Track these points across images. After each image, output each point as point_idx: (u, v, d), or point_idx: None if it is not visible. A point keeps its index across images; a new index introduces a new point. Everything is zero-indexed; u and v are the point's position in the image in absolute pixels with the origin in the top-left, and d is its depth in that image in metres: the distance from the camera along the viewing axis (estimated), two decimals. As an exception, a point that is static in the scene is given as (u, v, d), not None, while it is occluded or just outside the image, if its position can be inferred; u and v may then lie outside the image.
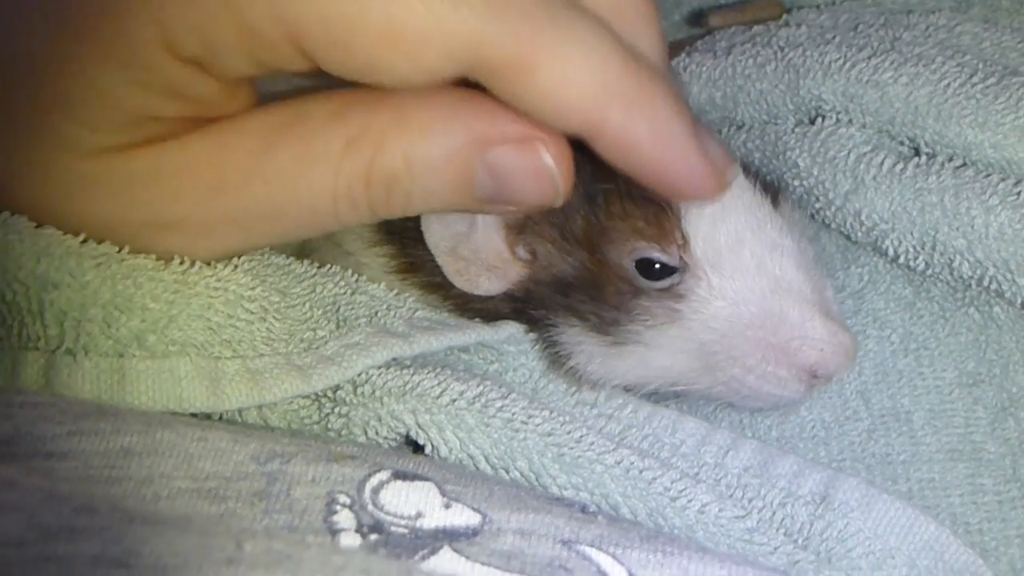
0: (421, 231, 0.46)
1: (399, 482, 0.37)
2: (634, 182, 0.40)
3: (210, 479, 0.34)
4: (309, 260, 0.45)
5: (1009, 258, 0.48)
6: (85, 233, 0.39)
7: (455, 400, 0.42)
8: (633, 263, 0.46)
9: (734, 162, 0.42)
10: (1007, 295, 0.50)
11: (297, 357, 0.41)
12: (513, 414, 0.42)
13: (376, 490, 0.36)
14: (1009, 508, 0.51)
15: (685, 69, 0.58)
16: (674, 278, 0.46)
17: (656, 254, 0.46)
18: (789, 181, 0.54)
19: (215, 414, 0.42)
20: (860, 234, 0.53)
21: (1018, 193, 0.48)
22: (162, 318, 0.39)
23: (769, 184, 0.51)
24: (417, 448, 0.43)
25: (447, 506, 0.36)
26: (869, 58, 0.53)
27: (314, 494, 0.35)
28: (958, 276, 0.51)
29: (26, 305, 0.39)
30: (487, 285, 0.48)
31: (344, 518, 0.34)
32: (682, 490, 0.42)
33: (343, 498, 0.35)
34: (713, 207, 0.46)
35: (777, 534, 0.42)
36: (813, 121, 0.54)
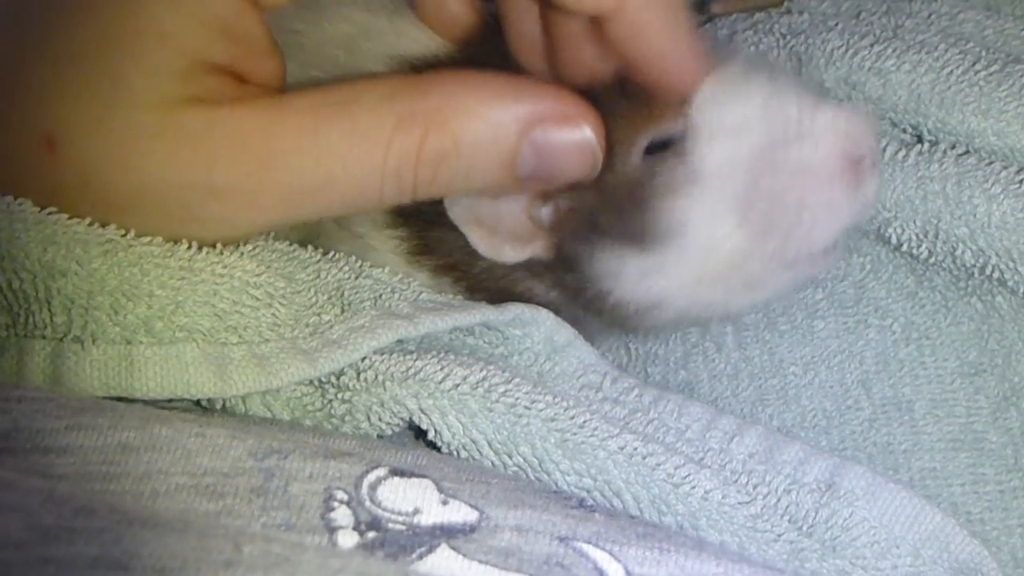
0: (434, 214, 0.46)
1: (397, 479, 0.36)
2: (624, 83, 0.44)
3: (208, 475, 0.34)
4: (313, 246, 0.45)
5: (1012, 247, 0.48)
6: (135, 195, 0.39)
7: (458, 385, 0.41)
8: (643, 150, 0.45)
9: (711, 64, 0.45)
10: (1009, 284, 0.50)
11: (303, 342, 0.41)
12: (517, 399, 0.42)
13: (374, 486, 0.36)
14: (1011, 498, 0.51)
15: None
16: (679, 143, 0.45)
17: (657, 127, 0.45)
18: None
19: (216, 406, 0.42)
20: (863, 222, 0.53)
21: (1020, 181, 0.48)
22: (169, 304, 0.39)
23: None
24: (420, 434, 0.42)
25: (444, 502, 0.36)
26: (871, 45, 0.53)
27: (311, 490, 0.35)
28: (960, 265, 0.51)
29: (33, 293, 0.39)
30: (512, 253, 0.47)
31: (341, 515, 0.34)
32: (686, 476, 0.42)
33: (340, 494, 0.35)
34: None
35: (782, 521, 0.42)
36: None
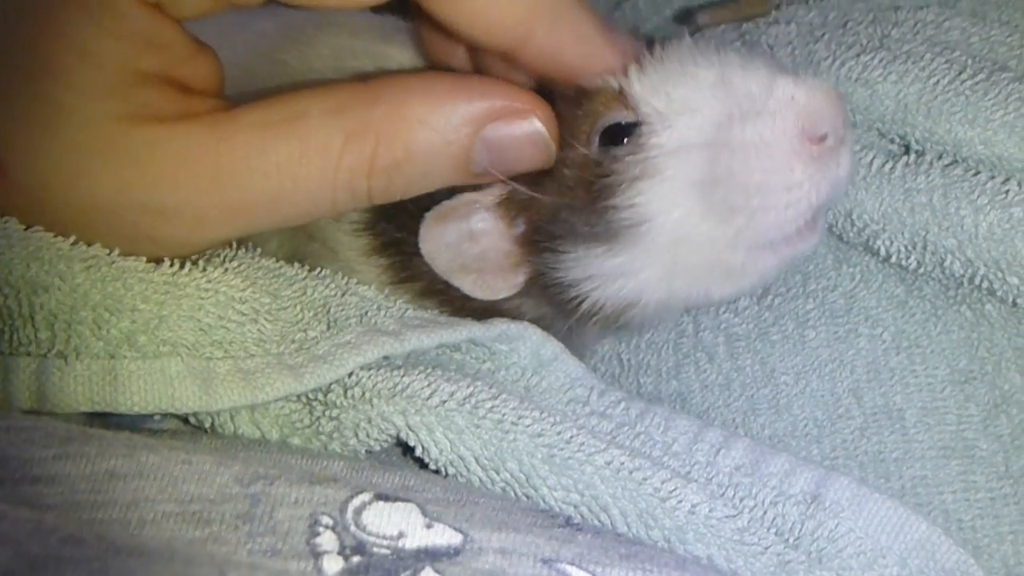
0: (413, 247, 0.47)
1: (381, 503, 0.37)
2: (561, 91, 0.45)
3: (194, 502, 0.34)
4: (300, 263, 0.46)
5: (999, 257, 0.48)
6: (87, 216, 0.39)
7: (445, 401, 0.42)
8: (597, 145, 0.45)
9: (639, 44, 0.46)
10: (998, 293, 0.50)
11: (289, 357, 0.42)
12: (503, 415, 0.42)
13: (358, 511, 0.36)
14: (1001, 505, 0.51)
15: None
16: (635, 134, 0.45)
17: (606, 119, 0.45)
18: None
19: (204, 425, 0.42)
20: (852, 234, 0.53)
21: (1007, 192, 0.48)
22: (152, 319, 0.40)
23: None
24: (408, 450, 0.43)
25: (429, 526, 0.36)
26: (858, 56, 0.53)
27: (297, 516, 0.35)
28: (949, 275, 0.51)
29: (17, 309, 0.39)
30: (504, 286, 0.48)
31: (326, 540, 0.35)
32: (672, 490, 0.42)
33: (326, 519, 0.35)
34: (634, 57, 0.46)
35: (768, 533, 0.42)
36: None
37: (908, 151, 0.52)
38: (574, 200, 0.45)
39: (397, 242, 0.48)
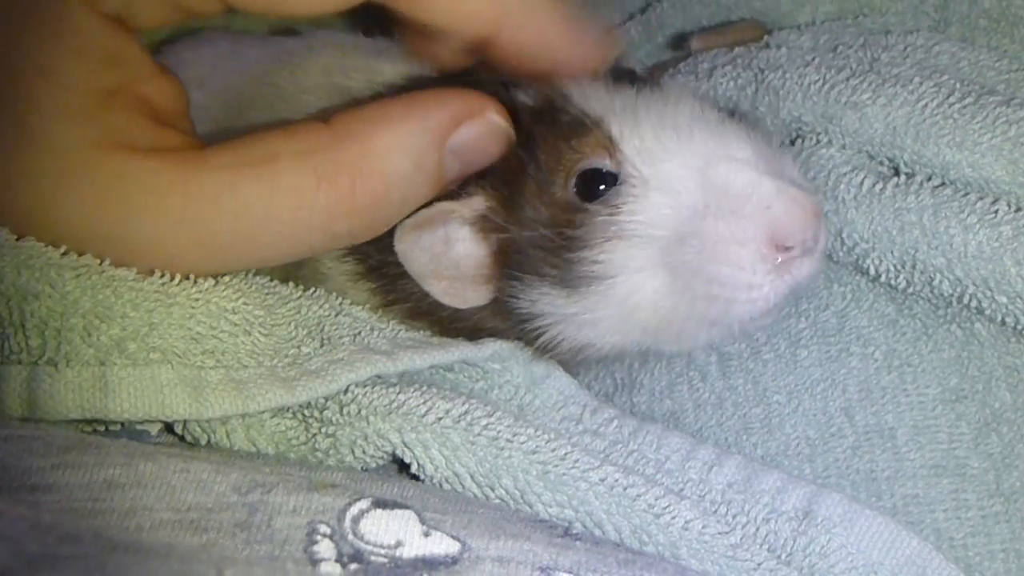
0: (401, 268, 0.47)
1: (379, 511, 0.37)
2: (555, 116, 0.46)
3: (192, 510, 0.35)
4: (294, 284, 0.46)
5: (988, 276, 0.49)
6: (57, 240, 0.39)
7: (440, 418, 0.42)
8: (574, 188, 0.46)
9: (617, 38, 0.48)
10: (987, 312, 0.51)
11: (282, 371, 0.42)
12: (498, 432, 0.43)
13: (356, 519, 0.36)
14: (993, 523, 0.52)
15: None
16: (612, 190, 0.45)
17: (588, 163, 0.46)
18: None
19: (201, 442, 0.43)
20: (842, 254, 0.53)
21: (995, 212, 0.49)
22: (142, 326, 0.40)
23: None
24: (404, 467, 0.43)
25: (426, 534, 0.37)
26: (848, 79, 0.53)
27: (295, 524, 0.35)
28: (939, 294, 0.51)
29: (7, 316, 0.40)
30: (474, 296, 0.48)
31: (324, 548, 0.35)
32: (666, 507, 0.42)
33: (323, 528, 0.35)
34: (637, 105, 0.46)
35: (760, 550, 0.43)
36: (793, 142, 0.55)
37: (898, 173, 0.53)
38: (543, 240, 0.46)
39: (382, 265, 0.49)
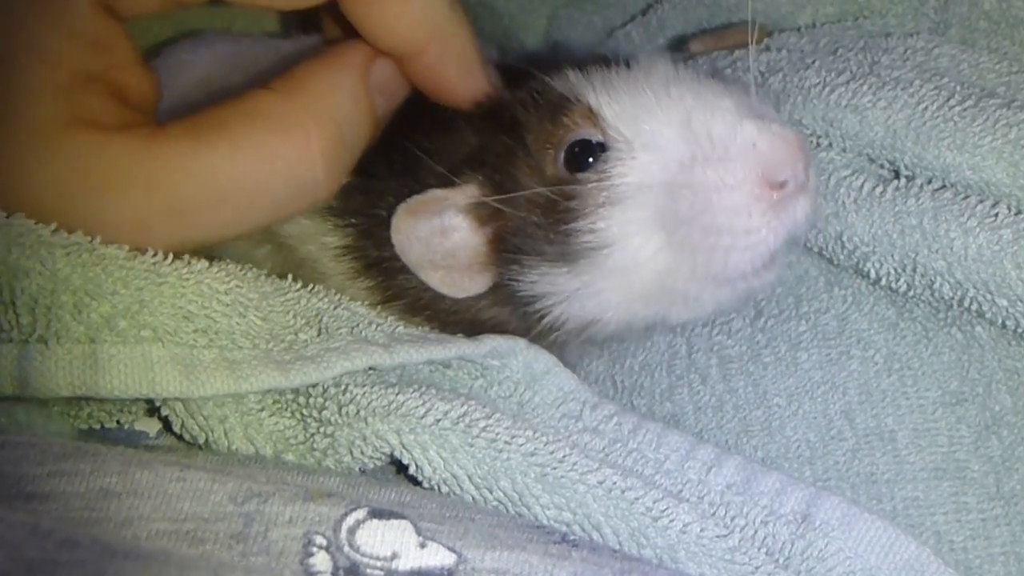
0: (396, 263, 0.48)
1: (375, 520, 0.37)
2: (538, 101, 0.48)
3: (188, 520, 0.35)
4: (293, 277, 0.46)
5: (988, 279, 0.49)
6: (32, 215, 0.40)
7: (439, 420, 0.42)
8: (563, 163, 0.47)
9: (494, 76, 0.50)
10: (988, 315, 0.50)
11: (277, 354, 0.42)
12: (497, 434, 0.43)
13: (352, 530, 0.36)
14: (993, 526, 0.51)
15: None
16: (600, 159, 0.46)
17: (573, 136, 0.46)
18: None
19: (199, 440, 0.43)
20: (842, 257, 0.53)
21: (995, 215, 0.49)
22: (133, 304, 0.40)
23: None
24: (402, 468, 0.43)
25: (422, 545, 0.37)
26: (848, 82, 0.53)
27: (291, 535, 0.35)
28: (939, 297, 0.51)
29: None
30: (472, 284, 0.48)
31: (320, 560, 0.35)
32: (664, 510, 0.42)
33: (319, 539, 0.36)
34: (613, 77, 0.47)
35: (759, 553, 0.42)
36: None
37: (898, 176, 0.53)
38: (538, 218, 0.47)
39: (380, 260, 0.49)
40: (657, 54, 0.50)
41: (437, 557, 0.36)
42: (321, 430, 0.42)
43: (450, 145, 0.49)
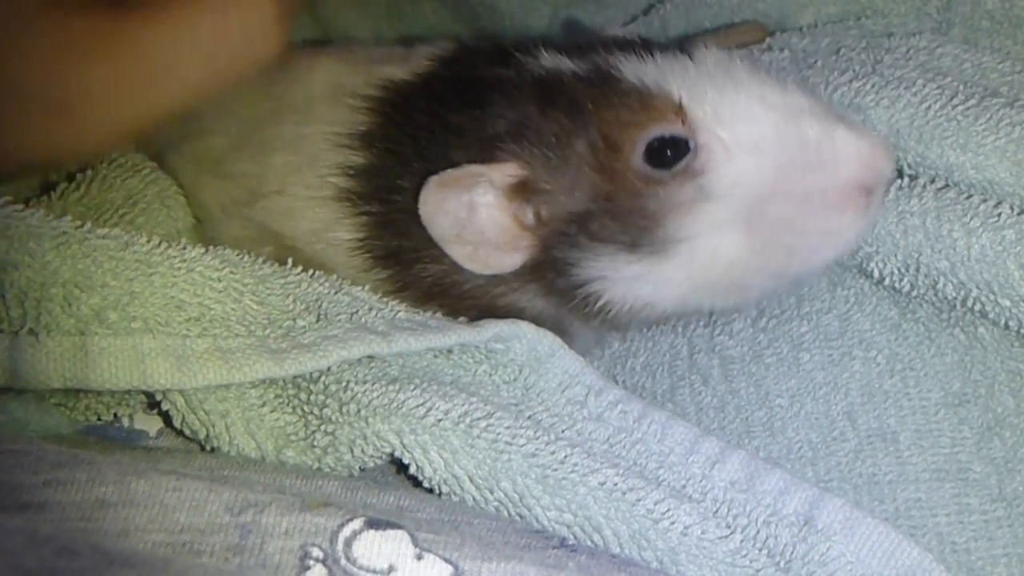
0: (412, 254, 0.47)
1: (372, 531, 0.37)
2: (608, 85, 0.46)
3: (185, 532, 0.35)
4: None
5: (991, 279, 0.49)
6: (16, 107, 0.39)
7: (440, 420, 0.42)
8: (643, 157, 0.45)
9: None
10: (991, 316, 0.50)
11: (273, 342, 0.42)
12: (498, 434, 0.42)
13: (349, 542, 0.36)
14: (995, 527, 0.51)
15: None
16: (688, 157, 0.45)
17: (660, 131, 0.45)
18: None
19: (199, 436, 0.43)
20: (845, 256, 0.53)
21: (999, 215, 0.49)
22: (123, 295, 0.40)
23: None
24: (403, 467, 0.43)
25: (419, 557, 0.36)
26: (851, 81, 0.53)
27: (287, 548, 0.35)
28: (942, 297, 0.51)
29: None
30: (499, 263, 0.48)
31: (317, 573, 0.35)
32: (665, 512, 0.42)
33: (316, 552, 0.35)
34: (697, 72, 0.46)
35: (760, 556, 0.42)
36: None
37: (901, 175, 0.52)
38: (612, 207, 0.46)
39: (398, 251, 0.49)
40: (712, 44, 0.49)
41: (434, 570, 0.36)
42: (322, 427, 0.42)
43: (484, 121, 0.48)
